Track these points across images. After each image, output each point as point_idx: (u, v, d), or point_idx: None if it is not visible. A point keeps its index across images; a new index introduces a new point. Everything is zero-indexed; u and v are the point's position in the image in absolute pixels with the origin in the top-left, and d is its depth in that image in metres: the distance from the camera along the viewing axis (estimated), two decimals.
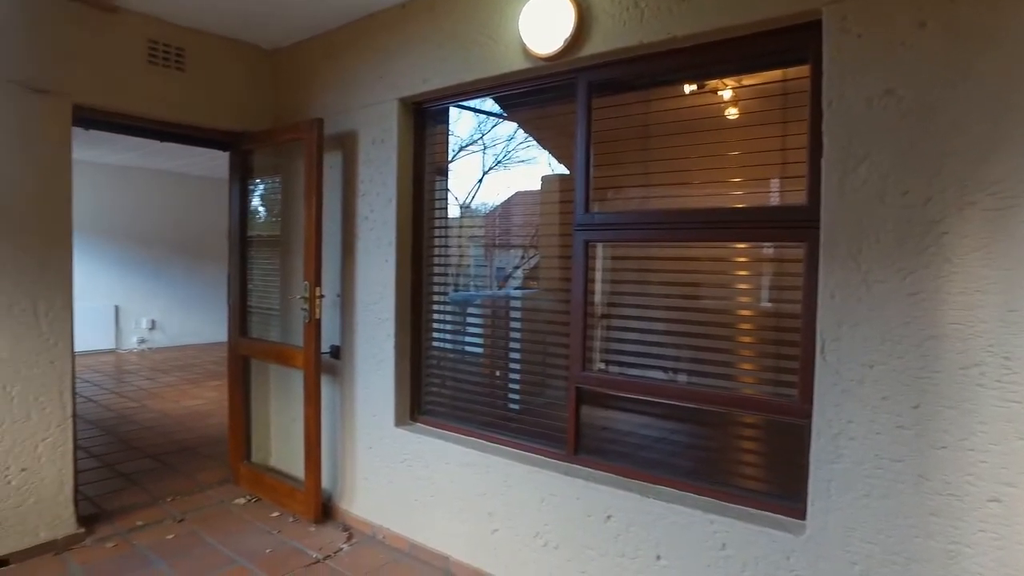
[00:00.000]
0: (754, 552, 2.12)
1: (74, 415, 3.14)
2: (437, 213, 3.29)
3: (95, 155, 8.08)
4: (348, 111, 3.39)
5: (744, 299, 2.47)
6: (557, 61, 2.57)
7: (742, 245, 2.43)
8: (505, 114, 3.50)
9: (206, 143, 3.79)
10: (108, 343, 8.98)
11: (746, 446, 2.44)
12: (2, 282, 2.88)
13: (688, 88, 2.57)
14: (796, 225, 2.14)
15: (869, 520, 1.90)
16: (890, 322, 1.85)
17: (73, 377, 3.13)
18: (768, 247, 2.43)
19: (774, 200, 2.45)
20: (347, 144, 3.40)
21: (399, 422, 3.22)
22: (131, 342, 9.27)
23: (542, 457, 2.75)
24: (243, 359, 3.90)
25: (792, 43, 2.13)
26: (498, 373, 3.22)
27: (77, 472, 3.19)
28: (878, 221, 1.87)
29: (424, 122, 3.25)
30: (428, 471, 3.05)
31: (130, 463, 4.23)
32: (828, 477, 1.98)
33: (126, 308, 9.24)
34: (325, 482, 3.49)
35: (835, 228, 1.95)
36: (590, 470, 2.60)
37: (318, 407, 3.35)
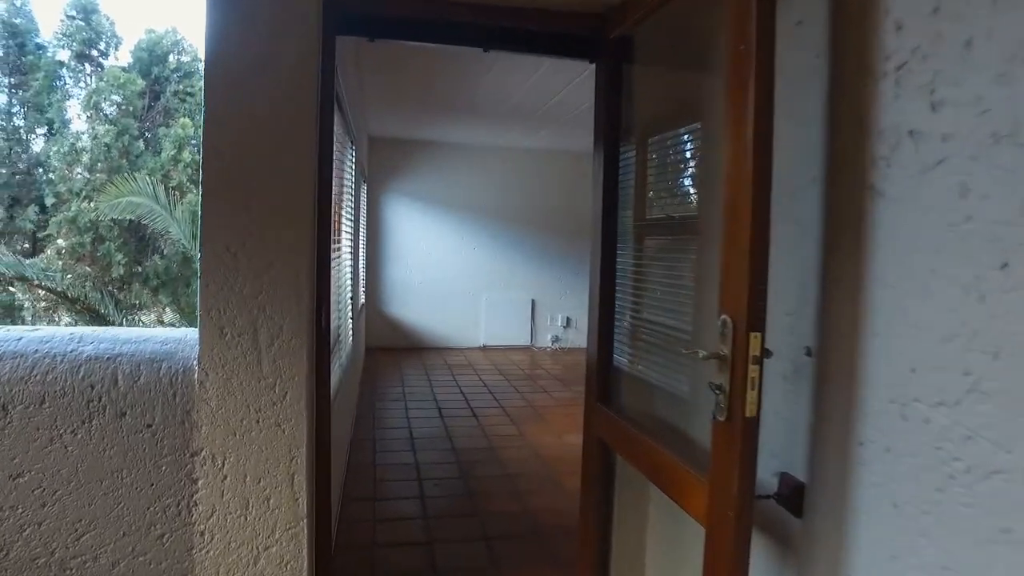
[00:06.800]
0: None
1: (316, 515, 1.87)
2: None
3: (509, 139, 7.60)
4: None
5: None
6: None
7: None
8: None
9: (555, 46, 2.12)
10: (523, 339, 8.62)
11: None
12: (207, 290, 1.75)
13: None
14: None
15: None
16: None
17: (313, 451, 1.86)
18: None
19: None
20: None
21: None
22: (545, 339, 8.78)
23: None
24: (602, 444, 2.15)
25: None
26: None
27: None
28: None
29: None
30: None
31: (452, 547, 2.94)
32: None
33: (542, 303, 8.79)
34: None
35: None
36: None
37: None
